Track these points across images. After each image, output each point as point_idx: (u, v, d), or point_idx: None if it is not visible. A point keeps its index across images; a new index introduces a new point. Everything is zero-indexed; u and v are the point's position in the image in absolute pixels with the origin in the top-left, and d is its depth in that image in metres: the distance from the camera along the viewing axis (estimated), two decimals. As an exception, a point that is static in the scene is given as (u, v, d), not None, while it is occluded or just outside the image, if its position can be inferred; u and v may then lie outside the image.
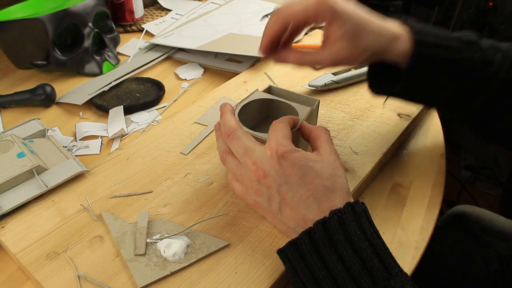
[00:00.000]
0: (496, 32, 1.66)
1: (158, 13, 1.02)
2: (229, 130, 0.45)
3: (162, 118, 0.67)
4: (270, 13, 0.49)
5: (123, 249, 0.44)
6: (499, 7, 1.68)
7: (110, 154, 0.56)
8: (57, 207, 0.49)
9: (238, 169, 0.45)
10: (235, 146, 0.44)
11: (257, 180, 0.42)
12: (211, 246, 0.44)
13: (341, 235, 0.37)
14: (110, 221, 0.47)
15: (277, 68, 0.76)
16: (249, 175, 0.43)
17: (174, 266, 0.42)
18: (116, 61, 0.81)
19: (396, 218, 0.51)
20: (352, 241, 0.37)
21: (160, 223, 0.47)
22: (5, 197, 0.48)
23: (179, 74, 0.78)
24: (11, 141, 0.53)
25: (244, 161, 0.43)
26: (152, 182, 0.52)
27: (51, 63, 0.74)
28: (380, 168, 0.58)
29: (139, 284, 0.40)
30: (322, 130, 0.46)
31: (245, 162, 0.43)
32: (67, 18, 0.72)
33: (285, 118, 0.46)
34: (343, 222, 0.38)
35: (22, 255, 0.43)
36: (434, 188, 0.55)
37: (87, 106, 0.69)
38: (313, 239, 0.38)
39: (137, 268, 0.42)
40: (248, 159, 0.43)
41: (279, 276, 0.42)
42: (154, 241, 0.45)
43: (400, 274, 0.35)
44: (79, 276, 0.42)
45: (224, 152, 0.47)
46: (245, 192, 0.46)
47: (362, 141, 0.58)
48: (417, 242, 0.48)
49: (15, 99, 0.68)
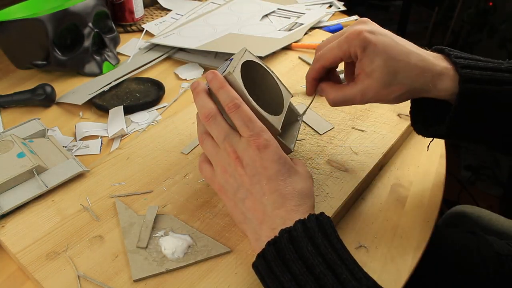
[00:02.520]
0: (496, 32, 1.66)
1: (158, 13, 1.02)
2: (208, 112, 0.44)
3: (162, 118, 0.67)
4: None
5: (127, 239, 0.45)
6: (499, 7, 1.68)
7: (110, 154, 0.56)
8: (57, 207, 0.49)
9: (215, 152, 0.45)
10: (214, 131, 0.44)
11: (234, 167, 0.43)
12: (212, 250, 0.44)
13: (293, 253, 0.37)
14: (121, 210, 0.48)
15: (277, 68, 0.76)
16: (227, 160, 0.43)
17: (171, 264, 0.42)
18: (116, 61, 0.81)
19: (396, 218, 0.51)
20: (304, 258, 0.36)
21: (167, 220, 0.47)
22: (5, 197, 0.49)
23: (179, 74, 0.78)
24: (11, 141, 0.53)
25: (224, 147, 0.43)
26: (152, 182, 0.52)
27: (51, 63, 0.74)
28: (380, 168, 0.58)
29: (134, 276, 0.41)
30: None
31: (225, 148, 0.43)
32: (67, 18, 0.72)
33: (235, 95, 0.44)
34: (294, 240, 0.37)
35: (22, 255, 0.43)
36: (434, 188, 0.55)
37: (87, 106, 0.69)
38: (267, 260, 0.38)
39: (135, 260, 0.43)
40: (228, 145, 0.43)
41: (279, 276, 0.42)
42: (157, 236, 0.45)
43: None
44: (79, 276, 0.42)
45: (202, 134, 0.46)
46: (213, 175, 0.45)
47: (362, 141, 0.58)
48: (417, 242, 0.48)
49: (15, 99, 0.68)
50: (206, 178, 0.47)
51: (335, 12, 1.01)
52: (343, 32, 0.48)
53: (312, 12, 0.96)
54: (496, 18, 1.68)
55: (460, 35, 1.82)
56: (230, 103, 0.43)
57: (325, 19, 0.96)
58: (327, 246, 0.37)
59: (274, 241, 0.38)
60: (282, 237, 0.38)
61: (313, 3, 1.03)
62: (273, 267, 0.37)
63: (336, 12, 1.01)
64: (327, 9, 1.01)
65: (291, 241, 0.37)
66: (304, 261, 0.36)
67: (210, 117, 0.44)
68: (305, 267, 0.36)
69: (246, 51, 0.50)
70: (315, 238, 0.37)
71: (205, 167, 0.47)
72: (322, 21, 0.95)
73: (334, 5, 1.04)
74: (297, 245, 0.37)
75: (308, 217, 0.39)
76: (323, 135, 0.59)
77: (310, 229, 0.38)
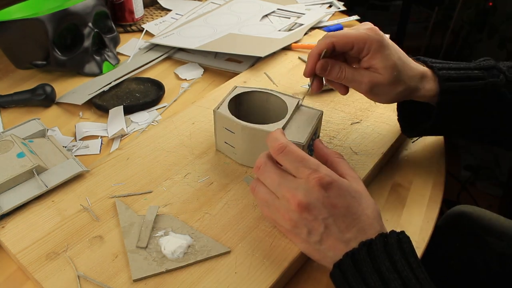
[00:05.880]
0: (496, 32, 1.66)
1: (158, 13, 1.02)
2: (257, 163, 0.44)
3: (162, 118, 0.67)
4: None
5: (127, 239, 0.45)
6: (499, 7, 1.68)
7: (110, 154, 0.56)
8: (57, 207, 0.49)
9: (271, 199, 0.43)
10: (267, 180, 0.42)
11: (298, 214, 0.40)
12: (212, 250, 0.44)
13: (370, 266, 0.37)
14: (121, 209, 0.48)
15: (276, 68, 0.76)
16: (286, 207, 0.41)
17: (171, 264, 0.42)
18: (116, 61, 0.81)
19: (396, 218, 0.51)
20: (380, 272, 0.37)
21: (167, 219, 0.47)
22: (5, 197, 0.48)
23: (179, 74, 0.78)
24: (11, 141, 0.53)
25: (281, 194, 0.41)
26: (152, 182, 0.52)
27: (51, 63, 0.74)
28: (380, 168, 0.58)
29: (134, 276, 0.41)
30: (339, 156, 0.46)
31: (283, 195, 0.41)
32: (67, 18, 0.72)
33: (280, 137, 0.43)
34: (372, 253, 0.38)
35: (22, 255, 0.43)
36: (434, 188, 0.55)
37: (87, 106, 0.69)
38: (342, 270, 0.38)
39: (135, 259, 0.43)
40: (286, 191, 0.40)
41: (279, 276, 0.42)
42: (157, 236, 0.45)
43: None
44: (79, 276, 0.42)
45: (253, 182, 0.45)
46: (275, 220, 0.44)
47: (362, 141, 0.58)
48: (417, 242, 0.48)
49: (15, 99, 0.68)
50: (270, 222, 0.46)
51: (335, 12, 1.01)
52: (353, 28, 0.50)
53: (312, 12, 0.96)
54: (496, 18, 1.68)
55: (460, 35, 1.82)
56: (276, 146, 0.42)
57: (325, 19, 0.96)
58: (404, 264, 0.37)
59: (352, 253, 0.38)
60: (361, 250, 0.38)
61: (313, 3, 1.03)
62: (349, 278, 0.38)
63: (336, 12, 1.01)
64: (327, 9, 1.01)
65: (369, 254, 0.38)
66: (380, 275, 0.37)
67: (259, 166, 0.43)
68: (380, 281, 0.36)
69: (236, 87, 0.57)
70: (394, 254, 0.37)
71: (267, 211, 0.44)
72: (322, 21, 0.95)
73: (334, 5, 1.04)
74: (375, 259, 0.37)
75: (390, 232, 0.39)
76: (323, 135, 0.59)
77: (390, 245, 0.38)
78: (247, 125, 0.50)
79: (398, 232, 0.39)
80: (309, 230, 0.41)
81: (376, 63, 0.48)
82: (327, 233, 0.40)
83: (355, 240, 0.39)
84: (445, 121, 0.51)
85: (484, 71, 0.51)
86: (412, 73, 0.49)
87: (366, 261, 0.37)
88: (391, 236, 0.39)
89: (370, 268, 0.37)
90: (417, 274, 0.36)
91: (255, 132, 0.50)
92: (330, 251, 0.40)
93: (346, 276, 0.38)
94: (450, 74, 0.50)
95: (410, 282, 0.36)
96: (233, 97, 0.55)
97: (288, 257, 0.43)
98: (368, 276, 0.37)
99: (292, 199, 0.40)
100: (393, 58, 0.48)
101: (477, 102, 0.50)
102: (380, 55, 0.47)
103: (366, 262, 0.37)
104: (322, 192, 0.39)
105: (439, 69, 0.50)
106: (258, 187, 0.44)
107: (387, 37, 0.48)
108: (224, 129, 0.53)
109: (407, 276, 0.36)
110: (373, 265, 0.37)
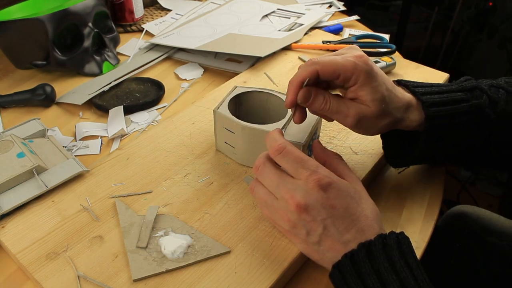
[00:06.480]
0: (496, 32, 1.66)
1: (158, 13, 1.02)
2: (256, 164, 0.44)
3: (162, 118, 0.67)
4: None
5: (127, 239, 0.45)
6: (499, 7, 1.68)
7: (110, 154, 0.56)
8: (57, 207, 0.49)
9: (270, 200, 0.43)
10: (266, 180, 0.42)
11: (297, 215, 0.40)
12: (212, 250, 0.44)
13: (369, 267, 0.37)
14: (121, 209, 0.48)
15: (276, 68, 0.76)
16: (285, 207, 0.41)
17: (171, 264, 0.42)
18: (116, 61, 0.81)
19: (396, 218, 0.51)
20: (379, 273, 0.37)
21: (167, 219, 0.47)
22: (5, 197, 0.49)
23: (179, 74, 0.78)
24: (11, 141, 0.53)
25: (280, 195, 0.41)
26: (152, 182, 0.52)
27: (51, 63, 0.74)
28: (380, 168, 0.58)
29: (134, 276, 0.41)
30: (338, 156, 0.46)
31: (282, 196, 0.41)
32: (67, 18, 0.72)
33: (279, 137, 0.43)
34: (371, 254, 0.38)
35: (22, 255, 0.43)
36: (434, 188, 0.55)
37: (87, 106, 0.69)
38: (341, 271, 0.38)
39: (135, 260, 0.43)
40: (284, 192, 0.40)
41: (279, 276, 0.42)
42: (157, 236, 0.45)
43: None
44: (79, 276, 0.42)
45: (252, 182, 0.45)
46: (274, 220, 0.44)
47: (362, 141, 0.58)
48: (417, 242, 0.48)
49: (15, 99, 0.68)
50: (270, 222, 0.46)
51: (335, 12, 1.01)
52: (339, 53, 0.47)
53: (312, 12, 0.96)
54: (496, 18, 1.68)
55: (460, 35, 1.82)
56: (274, 147, 0.42)
57: (325, 19, 0.96)
58: (403, 265, 0.37)
59: (351, 254, 0.38)
60: (359, 251, 0.38)
61: (313, 3, 1.03)
62: (348, 279, 0.38)
63: (336, 12, 1.01)
64: (327, 9, 1.01)
65: (367, 255, 0.38)
66: (379, 276, 0.37)
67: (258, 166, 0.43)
68: (379, 282, 0.36)
69: (236, 87, 0.57)
70: (393, 255, 0.37)
71: (266, 212, 0.44)
72: (322, 21, 0.95)
73: (334, 5, 1.04)
74: (374, 260, 0.37)
75: (389, 233, 0.39)
76: (323, 135, 0.59)
77: (389, 246, 0.38)
78: (247, 125, 0.51)
79: (397, 233, 0.39)
80: (307, 231, 0.41)
81: (363, 95, 0.44)
82: (326, 234, 0.40)
83: (354, 241, 0.39)
84: (432, 147, 0.49)
85: (467, 92, 0.49)
86: (398, 104, 0.47)
87: (364, 262, 0.38)
88: (390, 237, 0.39)
89: (369, 269, 0.37)
90: (416, 275, 0.37)
91: (255, 132, 0.50)
92: (329, 251, 0.40)
93: (345, 277, 0.38)
94: (434, 99, 0.48)
95: (409, 284, 0.36)
96: (233, 97, 0.55)
97: (288, 257, 0.43)
98: (367, 277, 0.37)
99: (291, 200, 0.40)
100: (381, 90, 0.44)
101: (462, 125, 0.48)
102: (368, 87, 0.44)
103: (365, 263, 0.37)
104: (321, 193, 0.40)
105: (422, 94, 0.48)
106: (257, 187, 0.44)
107: (375, 66, 0.45)
108: (224, 129, 0.54)
109: (405, 277, 0.36)
110: (372, 266, 0.37)
